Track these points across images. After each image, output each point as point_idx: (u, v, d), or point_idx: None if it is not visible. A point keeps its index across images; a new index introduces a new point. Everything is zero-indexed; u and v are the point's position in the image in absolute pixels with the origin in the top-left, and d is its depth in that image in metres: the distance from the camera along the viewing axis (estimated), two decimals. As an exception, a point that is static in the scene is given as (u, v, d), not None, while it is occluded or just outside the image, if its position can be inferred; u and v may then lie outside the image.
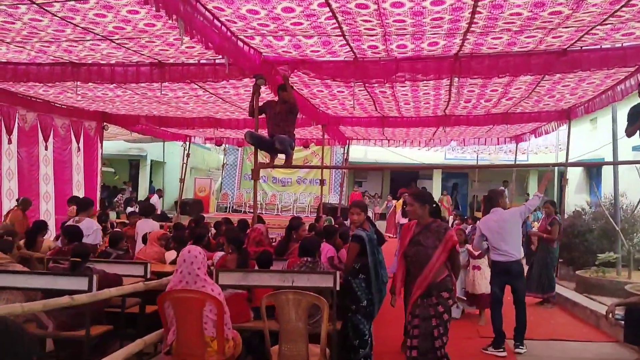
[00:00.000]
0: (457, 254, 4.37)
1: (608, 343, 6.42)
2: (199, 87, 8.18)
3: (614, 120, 9.00)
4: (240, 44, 5.91)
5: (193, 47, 6.12)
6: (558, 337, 6.64)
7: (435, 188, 22.36)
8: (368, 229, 5.25)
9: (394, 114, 10.76)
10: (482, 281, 7.23)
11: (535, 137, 12.95)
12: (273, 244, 8.21)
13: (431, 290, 4.13)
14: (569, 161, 11.07)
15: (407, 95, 8.51)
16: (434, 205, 4.54)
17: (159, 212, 16.96)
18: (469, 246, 7.62)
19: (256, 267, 5.38)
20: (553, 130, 11.82)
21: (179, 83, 7.71)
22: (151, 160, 20.62)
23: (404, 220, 17.08)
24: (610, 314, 5.41)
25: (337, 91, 8.33)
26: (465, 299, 7.48)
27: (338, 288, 4.64)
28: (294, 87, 8.18)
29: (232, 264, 5.36)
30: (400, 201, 17.51)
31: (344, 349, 5.00)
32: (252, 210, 19.00)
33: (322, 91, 8.44)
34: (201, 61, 6.84)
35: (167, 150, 21.06)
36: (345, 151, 17.44)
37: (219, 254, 6.17)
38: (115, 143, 21.11)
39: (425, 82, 7.65)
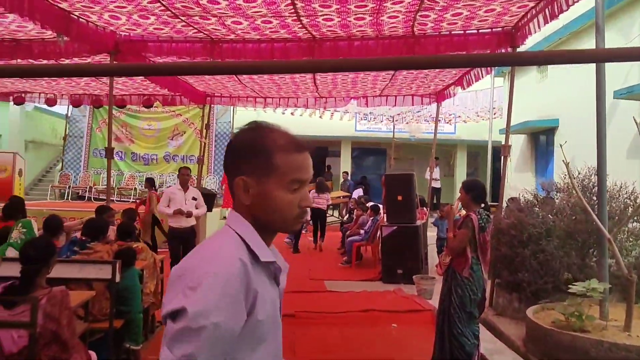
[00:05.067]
0: None
1: None
2: None
3: (599, 30, 4.74)
4: None
5: None
6: None
7: (344, 167, 18.08)
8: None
9: (221, 32, 6.19)
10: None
11: (463, 88, 8.77)
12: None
13: None
14: (512, 126, 6.96)
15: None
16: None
17: None
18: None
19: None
20: (487, 73, 7.65)
21: None
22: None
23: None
24: None
25: None
26: None
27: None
28: None
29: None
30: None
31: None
32: (102, 197, 14.02)
33: None
34: None
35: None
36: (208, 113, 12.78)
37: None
38: None
39: None
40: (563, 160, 4.97)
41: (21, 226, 4.28)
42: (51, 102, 11.22)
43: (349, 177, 16.43)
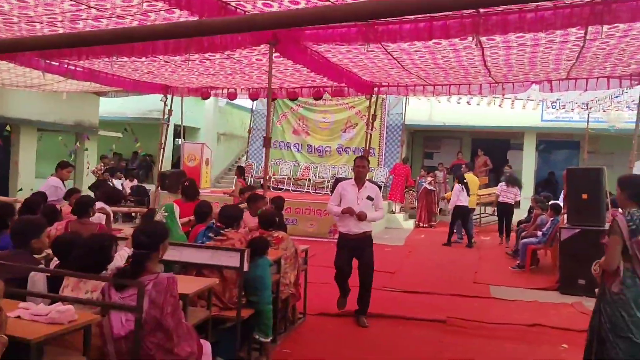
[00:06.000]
0: None
1: None
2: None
3: None
4: None
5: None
6: None
7: (527, 162, 16.41)
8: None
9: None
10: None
11: (673, 65, 7.16)
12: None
13: None
14: None
15: None
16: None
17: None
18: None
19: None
20: None
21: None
22: (175, 125, 17.07)
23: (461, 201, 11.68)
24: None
25: None
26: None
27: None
28: None
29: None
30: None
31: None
32: (279, 187, 14.84)
33: None
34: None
35: (196, 112, 17.49)
36: (381, 104, 12.52)
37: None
38: (135, 106, 18.07)
39: None
40: None
41: (164, 210, 4.47)
42: (232, 96, 11.99)
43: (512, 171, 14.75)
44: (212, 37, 6.97)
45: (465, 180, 11.34)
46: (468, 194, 11.19)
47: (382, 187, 14.19)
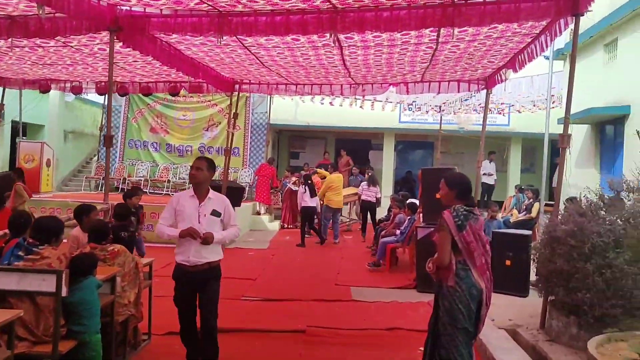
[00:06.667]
0: None
1: None
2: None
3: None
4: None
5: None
6: None
7: (387, 162, 16.98)
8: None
9: (226, 1, 5.40)
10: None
11: (515, 70, 7.61)
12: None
13: None
14: (573, 114, 5.79)
15: None
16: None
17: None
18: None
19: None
20: (542, 51, 6.49)
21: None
22: (13, 122, 14.93)
23: (312, 202, 11.29)
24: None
25: None
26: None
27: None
28: None
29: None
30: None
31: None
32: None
33: None
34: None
35: (40, 108, 15.55)
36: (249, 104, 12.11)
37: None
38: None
39: None
40: (640, 152, 3.89)
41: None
42: (77, 90, 10.82)
43: (359, 171, 15.10)
44: (40, 20, 6.05)
45: (310, 182, 11.42)
46: (312, 195, 11.25)
47: (247, 188, 13.79)
